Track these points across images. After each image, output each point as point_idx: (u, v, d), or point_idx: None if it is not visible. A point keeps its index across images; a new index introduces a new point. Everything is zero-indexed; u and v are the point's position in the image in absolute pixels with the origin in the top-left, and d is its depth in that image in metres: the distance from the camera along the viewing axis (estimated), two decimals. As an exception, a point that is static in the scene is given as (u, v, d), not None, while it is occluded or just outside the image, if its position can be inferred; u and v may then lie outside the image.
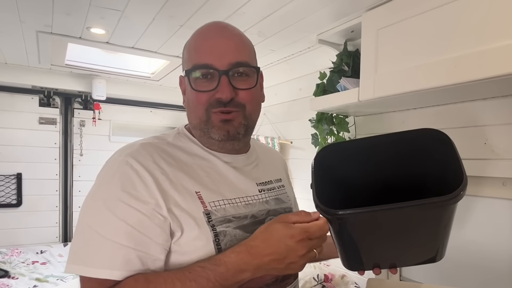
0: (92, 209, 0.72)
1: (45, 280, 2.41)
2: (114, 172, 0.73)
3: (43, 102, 3.06)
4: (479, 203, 1.35)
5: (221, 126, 0.79)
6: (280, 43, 1.93)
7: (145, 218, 0.69)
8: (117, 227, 0.68)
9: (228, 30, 0.83)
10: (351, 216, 0.68)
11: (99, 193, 0.73)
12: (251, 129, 0.85)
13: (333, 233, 0.75)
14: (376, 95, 1.39)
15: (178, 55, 2.29)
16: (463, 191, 0.66)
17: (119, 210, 0.69)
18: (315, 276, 1.87)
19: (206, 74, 0.78)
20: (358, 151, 0.89)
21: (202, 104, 0.79)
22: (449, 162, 0.74)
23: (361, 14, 1.49)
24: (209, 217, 0.74)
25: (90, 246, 0.68)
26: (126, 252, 0.67)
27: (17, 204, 2.97)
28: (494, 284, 1.31)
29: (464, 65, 1.10)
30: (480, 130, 1.34)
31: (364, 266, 0.83)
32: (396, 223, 0.71)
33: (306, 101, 2.02)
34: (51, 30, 1.94)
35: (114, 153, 0.78)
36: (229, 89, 0.77)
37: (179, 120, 3.66)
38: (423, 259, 0.80)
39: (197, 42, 0.81)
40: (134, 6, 1.61)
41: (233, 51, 0.79)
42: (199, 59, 0.78)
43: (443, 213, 0.70)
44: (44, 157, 3.08)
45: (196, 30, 0.85)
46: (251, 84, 0.81)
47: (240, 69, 0.79)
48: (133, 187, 0.70)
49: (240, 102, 0.79)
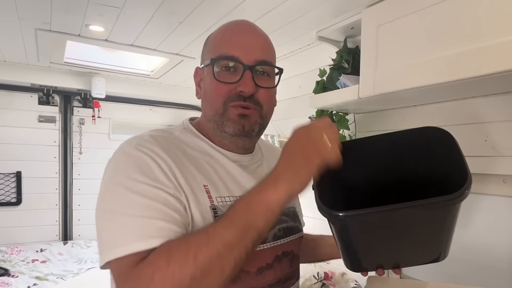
0: (112, 195, 0.68)
1: (45, 278, 2.41)
2: (127, 158, 0.70)
3: (42, 100, 3.06)
4: (479, 201, 1.34)
5: (237, 120, 0.78)
6: (279, 40, 1.92)
7: (170, 197, 0.67)
8: (144, 204, 0.64)
9: (257, 29, 0.84)
10: (354, 217, 0.67)
11: (116, 179, 0.68)
12: (263, 130, 0.85)
13: (335, 234, 0.74)
14: (376, 92, 1.38)
15: (177, 53, 2.28)
16: (468, 189, 0.64)
17: (142, 190, 0.65)
18: (315, 274, 1.87)
19: (231, 66, 0.78)
20: (360, 150, 0.88)
21: (221, 96, 0.78)
22: (453, 161, 0.73)
23: (361, 10, 1.48)
24: (215, 212, 0.73)
25: (119, 228, 0.64)
26: (158, 223, 0.63)
27: (16, 202, 2.97)
28: (495, 281, 1.30)
29: (464, 61, 1.09)
30: (481, 127, 1.33)
31: (367, 267, 0.82)
32: (400, 223, 0.70)
33: (306, 99, 2.02)
34: (49, 27, 1.93)
35: (122, 143, 0.75)
36: (252, 84, 0.76)
37: (179, 118, 3.64)
38: (426, 259, 0.79)
39: (225, 34, 0.81)
40: (133, 3, 1.60)
41: (260, 49, 0.79)
42: (226, 50, 0.78)
43: (447, 213, 0.69)
44: (44, 155, 3.08)
45: (224, 24, 0.85)
46: (272, 84, 0.82)
47: (264, 67, 0.79)
48: (151, 171, 0.68)
49: (259, 100, 0.79)
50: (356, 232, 0.72)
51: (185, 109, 3.65)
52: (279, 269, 0.81)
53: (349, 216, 0.67)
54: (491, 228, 1.32)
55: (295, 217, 0.92)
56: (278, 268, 0.81)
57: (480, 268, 1.35)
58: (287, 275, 0.84)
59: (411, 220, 0.70)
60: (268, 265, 0.78)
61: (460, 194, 0.63)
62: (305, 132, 0.66)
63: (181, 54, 2.29)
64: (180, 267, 0.58)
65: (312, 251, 1.06)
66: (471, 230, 1.37)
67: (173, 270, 0.57)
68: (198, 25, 1.79)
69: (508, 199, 1.27)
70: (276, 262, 0.80)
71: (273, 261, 0.80)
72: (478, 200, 1.35)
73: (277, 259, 0.81)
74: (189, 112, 3.66)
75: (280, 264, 0.81)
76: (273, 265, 0.79)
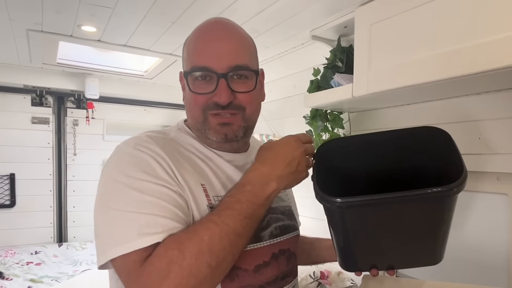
0: (113, 194, 0.67)
1: (40, 281, 2.40)
2: (127, 158, 0.70)
3: (35, 101, 3.03)
4: (473, 198, 1.35)
5: (218, 129, 0.78)
6: (273, 39, 1.92)
7: (174, 194, 0.68)
8: (147, 201, 0.65)
9: (229, 30, 0.80)
10: (350, 204, 0.67)
11: (117, 178, 0.68)
12: (251, 130, 0.85)
13: (331, 225, 0.75)
14: (370, 91, 1.38)
15: (171, 53, 2.27)
16: (463, 182, 0.65)
17: (145, 188, 0.66)
18: (311, 273, 1.86)
19: (205, 76, 0.77)
20: (359, 147, 0.88)
21: (198, 106, 0.78)
22: (450, 160, 0.73)
23: (354, 9, 1.48)
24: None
25: (121, 225, 0.64)
26: (162, 220, 0.64)
27: (10, 204, 2.94)
28: (490, 278, 1.31)
29: (457, 59, 1.09)
30: (474, 125, 1.33)
31: (361, 267, 0.82)
32: (396, 215, 0.70)
33: (300, 98, 2.01)
34: (41, 28, 1.91)
35: (119, 144, 0.75)
36: (226, 93, 0.75)
37: (174, 118, 3.64)
38: (422, 259, 0.79)
39: (196, 43, 0.79)
40: (125, 3, 1.59)
41: (232, 54, 0.77)
42: (198, 61, 0.77)
43: (443, 207, 0.69)
44: (38, 157, 3.06)
45: (197, 28, 0.83)
46: (250, 87, 0.79)
47: (239, 72, 0.78)
48: (152, 169, 0.68)
49: (240, 105, 0.78)
50: (351, 222, 0.72)
51: (179, 109, 3.63)
52: (276, 267, 0.81)
53: (345, 203, 0.67)
54: (485, 225, 1.33)
55: (291, 215, 0.93)
56: (275, 266, 0.81)
57: (474, 265, 1.35)
58: (284, 273, 0.84)
59: (407, 213, 0.70)
60: (265, 262, 0.79)
61: (458, 184, 0.64)
62: (285, 146, 0.76)
63: (175, 54, 2.28)
64: (197, 259, 0.60)
65: (308, 253, 1.07)
66: (465, 228, 1.37)
67: (190, 262, 0.60)
68: (190, 25, 1.78)
69: (502, 196, 1.27)
70: (273, 260, 0.81)
71: (270, 259, 0.80)
72: (472, 198, 1.35)
73: (274, 257, 0.81)
74: (184, 112, 3.62)
75: (277, 262, 0.82)
76: (270, 262, 0.80)
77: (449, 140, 0.76)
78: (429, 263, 0.79)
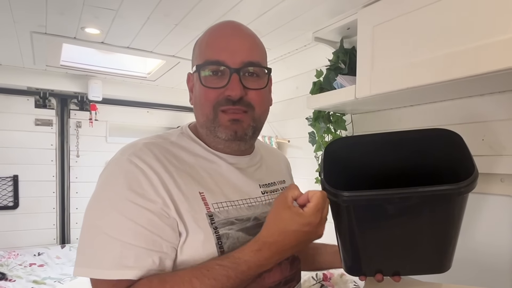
0: (98, 210, 0.70)
1: (43, 282, 2.40)
2: (118, 171, 0.71)
3: (39, 103, 3.04)
4: (477, 200, 1.34)
5: (228, 125, 0.78)
6: (276, 41, 1.92)
7: (155, 217, 0.68)
8: (126, 227, 0.66)
9: (243, 29, 0.82)
10: (357, 198, 0.66)
11: (104, 193, 0.71)
12: (259, 131, 0.84)
13: (336, 224, 0.74)
14: (373, 92, 1.38)
15: (174, 55, 2.28)
16: (474, 181, 0.65)
17: (127, 210, 0.67)
18: (313, 275, 1.86)
19: (217, 71, 0.77)
20: (371, 146, 0.87)
21: (210, 101, 0.77)
22: (461, 162, 0.73)
23: (357, 11, 1.48)
24: (212, 219, 0.73)
25: (99, 248, 0.66)
26: (137, 251, 0.66)
27: (14, 206, 2.95)
28: (493, 280, 1.30)
29: (461, 60, 1.09)
30: (478, 127, 1.33)
31: (366, 271, 0.81)
32: (403, 214, 0.69)
33: (303, 100, 2.02)
34: (45, 30, 1.92)
35: (117, 152, 0.76)
36: (239, 87, 0.75)
37: (176, 120, 3.65)
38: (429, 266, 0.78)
39: (210, 38, 0.80)
40: (129, 5, 1.59)
41: (246, 50, 0.78)
42: (211, 55, 0.77)
43: (452, 206, 0.68)
44: (41, 159, 3.06)
45: (210, 27, 0.83)
46: (262, 85, 0.80)
47: (251, 69, 0.78)
48: (140, 186, 0.69)
49: (250, 102, 0.78)
50: (357, 219, 0.71)
51: (182, 111, 3.64)
52: (279, 271, 0.81)
53: (352, 197, 0.66)
54: (489, 227, 1.32)
55: None
56: (278, 271, 0.81)
57: (479, 267, 1.34)
58: (287, 278, 0.83)
59: (415, 212, 0.68)
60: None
61: (465, 184, 0.63)
62: (301, 232, 0.68)
63: (178, 56, 2.29)
64: None
65: (313, 259, 1.05)
66: (469, 230, 1.37)
67: None
68: (194, 27, 1.79)
69: (506, 198, 1.27)
70: (276, 264, 0.80)
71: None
72: (475, 200, 1.34)
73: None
74: (187, 114, 3.66)
75: (280, 267, 0.81)
76: (273, 268, 0.78)
77: (461, 142, 0.75)
78: (437, 270, 0.78)
